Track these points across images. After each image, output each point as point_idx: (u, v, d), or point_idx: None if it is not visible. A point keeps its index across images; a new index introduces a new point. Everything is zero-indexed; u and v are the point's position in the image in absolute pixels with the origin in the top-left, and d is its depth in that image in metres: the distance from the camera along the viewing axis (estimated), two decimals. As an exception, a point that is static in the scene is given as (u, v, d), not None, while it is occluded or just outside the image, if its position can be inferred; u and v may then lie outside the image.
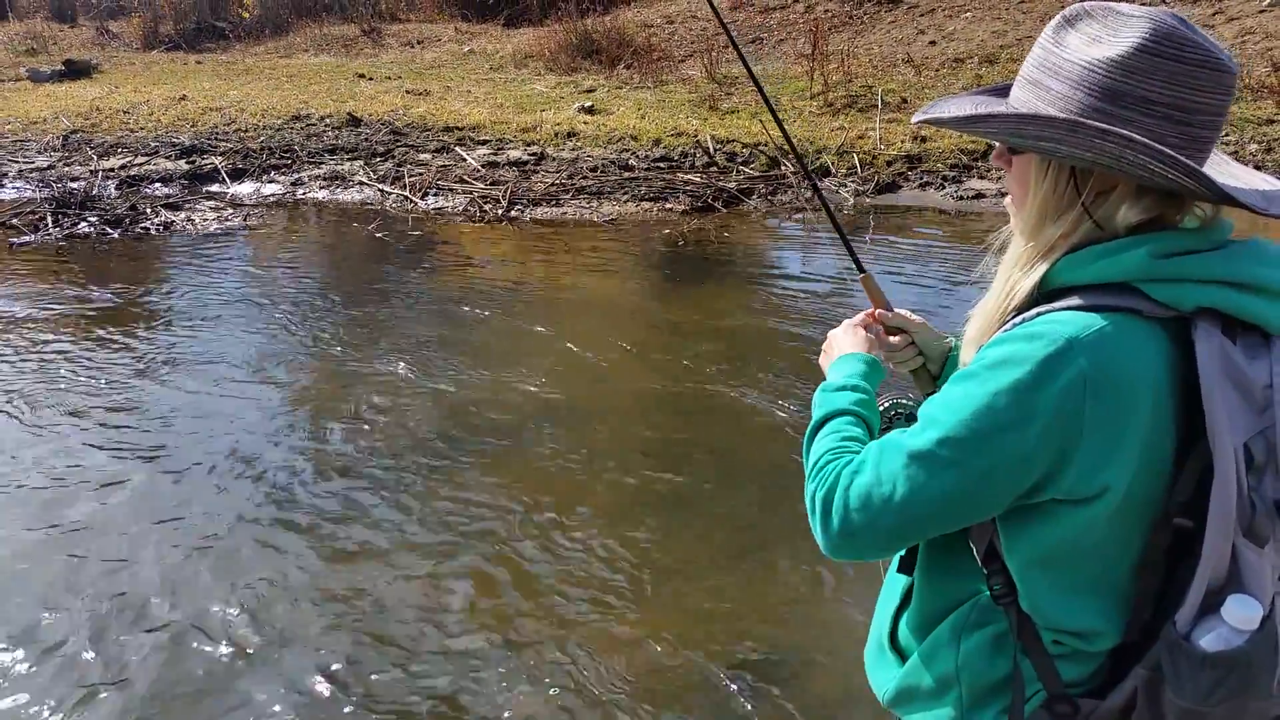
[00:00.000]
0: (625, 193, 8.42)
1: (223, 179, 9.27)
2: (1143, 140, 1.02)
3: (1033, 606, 1.15)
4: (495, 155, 9.66)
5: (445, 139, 10.26)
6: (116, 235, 7.74)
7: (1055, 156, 1.10)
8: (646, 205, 8.21)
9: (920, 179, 8.50)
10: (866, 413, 1.31)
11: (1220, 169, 1.11)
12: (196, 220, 8.16)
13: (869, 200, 8.18)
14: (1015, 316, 1.14)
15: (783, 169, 8.76)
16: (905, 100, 10.38)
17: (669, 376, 4.86)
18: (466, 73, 14.34)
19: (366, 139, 10.38)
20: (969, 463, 1.07)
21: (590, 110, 11.14)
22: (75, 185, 8.68)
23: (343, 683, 2.82)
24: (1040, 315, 1.10)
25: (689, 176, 8.72)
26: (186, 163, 9.64)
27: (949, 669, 1.22)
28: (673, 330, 5.54)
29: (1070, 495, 1.07)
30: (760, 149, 9.21)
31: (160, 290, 6.46)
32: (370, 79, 13.95)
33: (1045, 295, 1.13)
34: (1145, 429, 1.05)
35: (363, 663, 2.90)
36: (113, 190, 8.81)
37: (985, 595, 1.20)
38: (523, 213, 8.16)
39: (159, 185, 9.09)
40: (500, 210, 8.17)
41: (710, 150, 9.28)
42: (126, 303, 6.15)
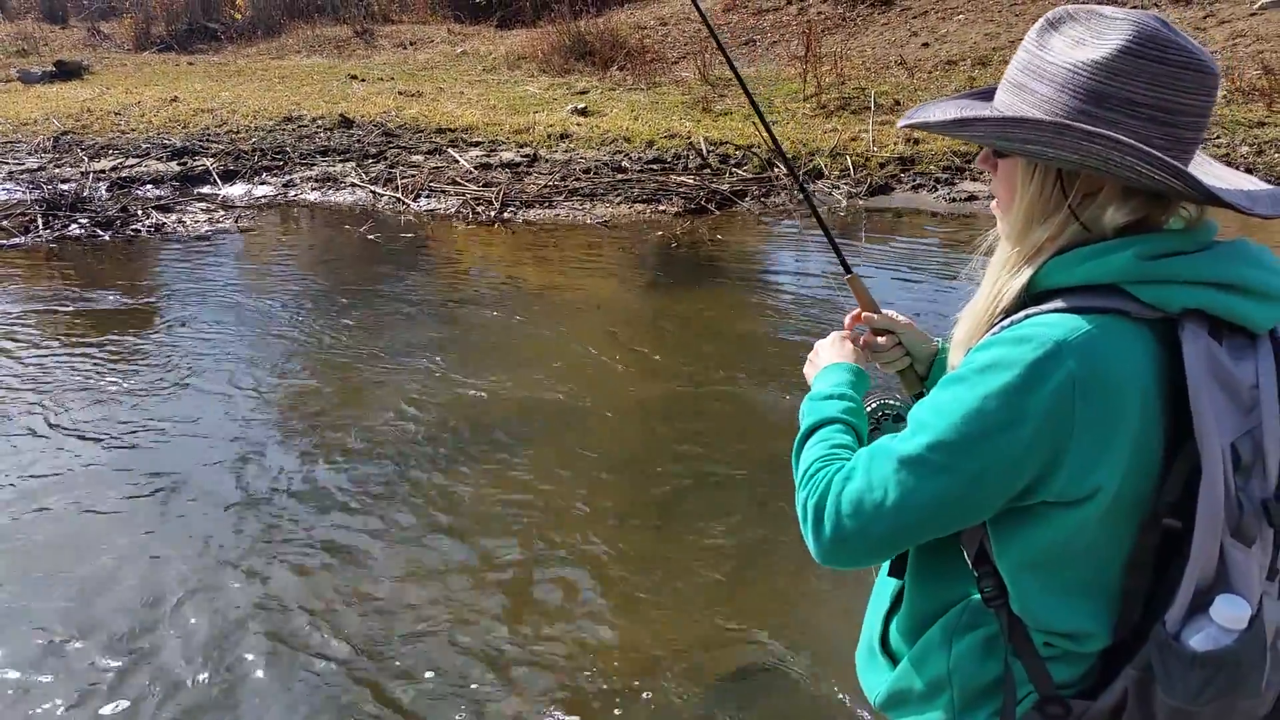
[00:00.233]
0: (618, 194, 8.42)
1: (214, 181, 9.24)
2: (1129, 142, 1.02)
3: (1024, 609, 1.15)
4: (488, 157, 9.65)
5: (438, 140, 10.25)
6: (107, 237, 7.71)
7: (1042, 159, 1.10)
8: (639, 207, 8.21)
9: (913, 181, 8.52)
10: (855, 420, 1.31)
11: (1204, 170, 1.12)
12: (188, 222, 8.14)
13: (862, 202, 8.19)
14: (1003, 319, 1.14)
15: (775, 171, 8.76)
16: (898, 102, 10.40)
17: (662, 378, 4.86)
18: (459, 74, 14.32)
19: (359, 140, 10.36)
20: (960, 467, 1.07)
21: (583, 112, 11.14)
22: (66, 187, 8.64)
23: (333, 683, 2.81)
24: (1028, 318, 1.10)
25: (682, 178, 8.72)
26: (178, 164, 9.61)
27: (941, 672, 1.22)
28: (665, 332, 5.54)
29: (1061, 497, 1.07)
30: (753, 151, 9.22)
31: (151, 292, 6.43)
32: (362, 80, 13.93)
33: (1033, 297, 1.13)
34: (1134, 430, 1.05)
35: (352, 663, 2.89)
36: (104, 192, 8.77)
37: (976, 598, 1.20)
38: (515, 214, 8.15)
39: (150, 187, 9.05)
40: (493, 212, 8.16)
41: (703, 152, 9.28)
42: (117, 305, 6.13)
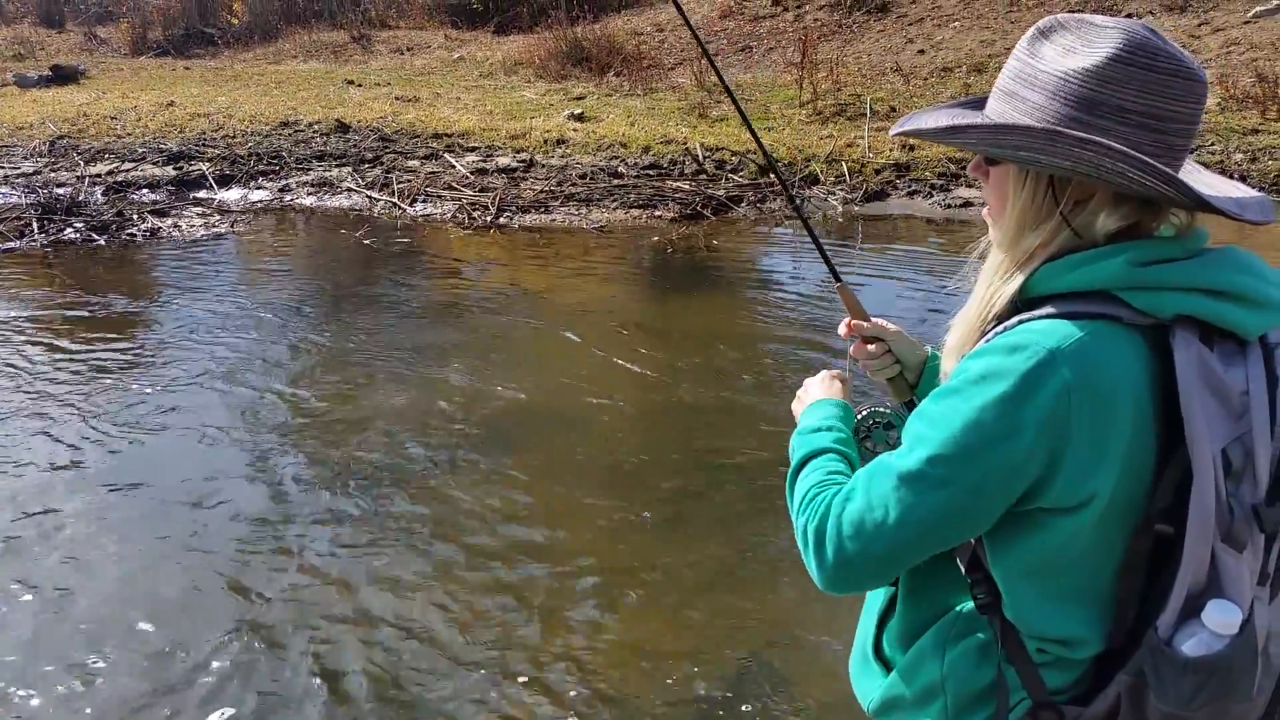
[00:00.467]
0: (614, 200, 8.43)
1: (210, 185, 9.24)
2: (1121, 148, 1.03)
3: (1017, 615, 1.15)
4: (484, 162, 9.66)
5: (434, 146, 10.26)
6: (103, 242, 7.70)
7: (1034, 166, 1.10)
8: (635, 213, 8.22)
9: (908, 187, 8.54)
10: (848, 450, 1.32)
11: (1194, 177, 1.12)
12: (183, 227, 8.13)
13: (857, 208, 8.21)
14: (996, 325, 1.14)
15: (771, 177, 8.78)
16: (894, 109, 10.43)
17: (657, 383, 4.86)
18: (456, 79, 14.34)
19: (355, 145, 10.37)
20: (960, 479, 1.07)
21: (580, 117, 11.16)
22: (61, 191, 8.63)
23: (326, 691, 2.80)
24: (1020, 324, 1.10)
25: (678, 184, 8.74)
26: (174, 169, 9.60)
27: (934, 678, 1.22)
28: (661, 337, 5.54)
29: (1057, 504, 1.07)
30: (749, 157, 9.24)
31: (146, 297, 6.43)
32: (359, 85, 13.95)
33: (1025, 303, 1.13)
34: (1127, 436, 1.05)
35: (347, 669, 2.88)
36: (99, 196, 8.77)
37: (969, 605, 1.20)
38: (511, 220, 8.16)
39: (146, 191, 9.04)
40: (489, 217, 8.16)
41: (699, 158, 9.30)
42: (112, 309, 6.12)
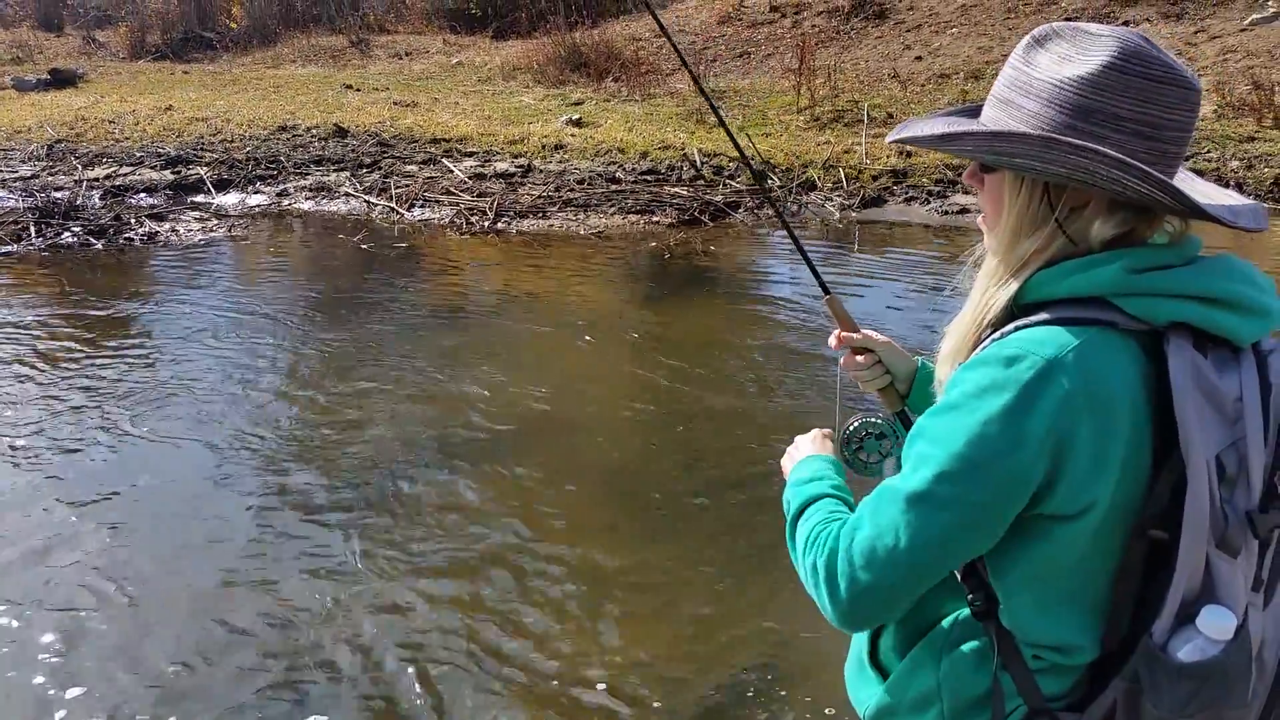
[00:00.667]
0: (612, 205, 8.43)
1: (208, 189, 9.24)
2: (1116, 155, 1.03)
3: (1013, 622, 1.15)
4: (482, 167, 9.66)
5: (432, 150, 10.27)
6: (100, 246, 7.69)
7: (1030, 173, 1.11)
8: (633, 218, 8.23)
9: (905, 194, 8.55)
10: (845, 496, 1.32)
11: (1187, 185, 1.12)
12: (181, 231, 8.12)
13: (854, 215, 8.22)
14: (991, 332, 1.14)
15: (769, 183, 8.79)
16: (891, 115, 10.45)
17: (656, 389, 4.86)
18: (454, 85, 14.36)
19: (353, 150, 10.38)
20: (969, 495, 1.07)
21: (578, 123, 11.17)
22: (59, 195, 8.63)
23: (320, 694, 2.80)
24: (1016, 331, 1.11)
25: (676, 189, 8.75)
26: (172, 173, 9.60)
27: (930, 685, 1.22)
28: (659, 342, 5.54)
29: (1058, 511, 1.07)
30: (748, 162, 9.23)
31: (144, 301, 6.42)
32: (358, 90, 13.96)
33: (1020, 309, 1.14)
34: (1125, 442, 1.06)
35: (343, 669, 2.88)
36: (97, 200, 8.76)
37: (965, 612, 1.20)
38: (509, 225, 8.16)
39: (144, 195, 9.04)
40: (487, 222, 8.17)
41: (697, 163, 9.31)
42: (110, 314, 6.11)
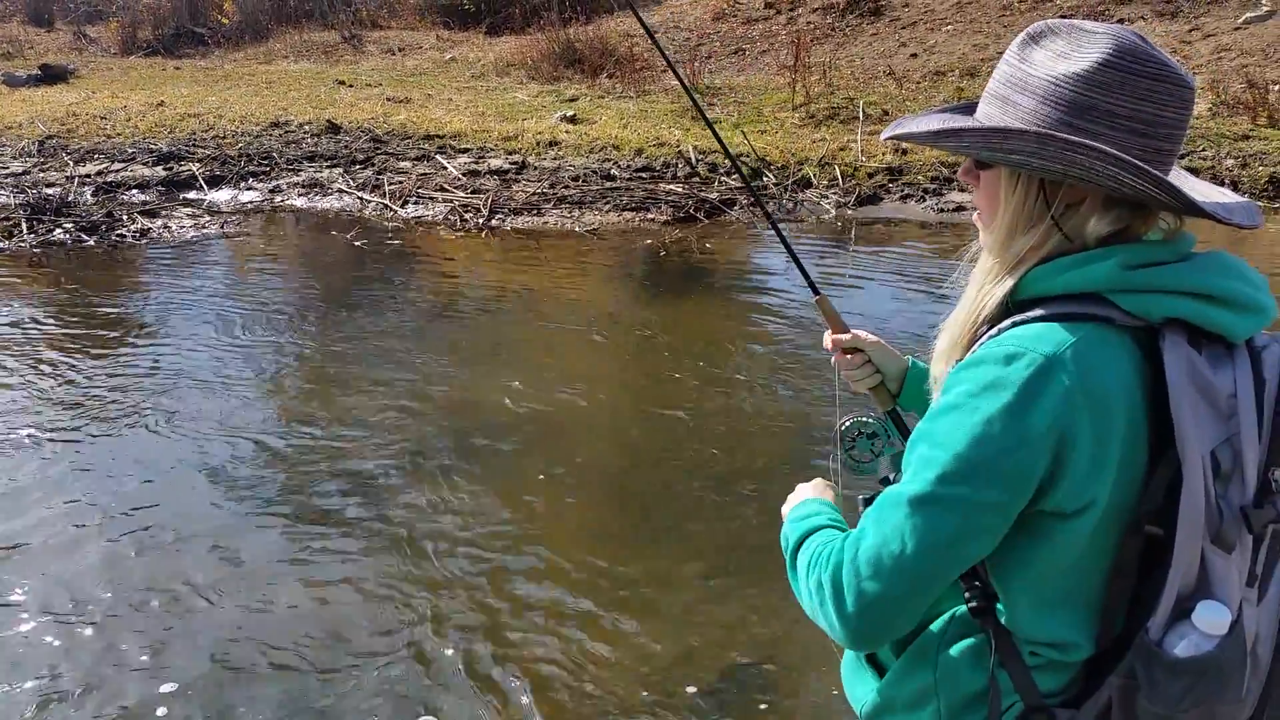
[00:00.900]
0: (607, 202, 8.42)
1: (200, 186, 9.21)
2: (1113, 152, 1.03)
3: (1011, 619, 1.15)
4: (476, 164, 9.64)
5: (426, 147, 10.24)
6: (92, 242, 7.66)
7: (1026, 169, 1.11)
8: (628, 215, 8.22)
9: (901, 191, 8.56)
10: (845, 528, 1.31)
11: (1181, 182, 1.13)
12: (173, 227, 8.10)
13: (850, 212, 8.22)
14: (987, 328, 1.15)
15: (765, 180, 8.79)
16: (887, 112, 10.45)
17: (651, 387, 4.86)
18: (448, 80, 14.32)
19: (346, 146, 10.35)
20: (974, 496, 1.06)
21: (572, 119, 11.15)
22: (51, 191, 8.60)
23: (315, 694, 2.79)
24: (1011, 328, 1.11)
25: (671, 186, 8.74)
26: (164, 169, 9.57)
27: (927, 682, 1.22)
28: (653, 340, 5.54)
29: (1059, 509, 1.07)
30: (742, 160, 9.25)
31: (136, 298, 6.40)
32: (350, 86, 13.91)
33: (1016, 305, 1.14)
34: (1122, 438, 1.06)
35: (339, 671, 2.87)
36: (89, 197, 8.73)
37: (962, 609, 1.21)
38: (503, 222, 8.15)
39: (136, 192, 9.01)
40: (481, 219, 8.15)
41: (692, 160, 9.31)
42: (102, 310, 6.09)
